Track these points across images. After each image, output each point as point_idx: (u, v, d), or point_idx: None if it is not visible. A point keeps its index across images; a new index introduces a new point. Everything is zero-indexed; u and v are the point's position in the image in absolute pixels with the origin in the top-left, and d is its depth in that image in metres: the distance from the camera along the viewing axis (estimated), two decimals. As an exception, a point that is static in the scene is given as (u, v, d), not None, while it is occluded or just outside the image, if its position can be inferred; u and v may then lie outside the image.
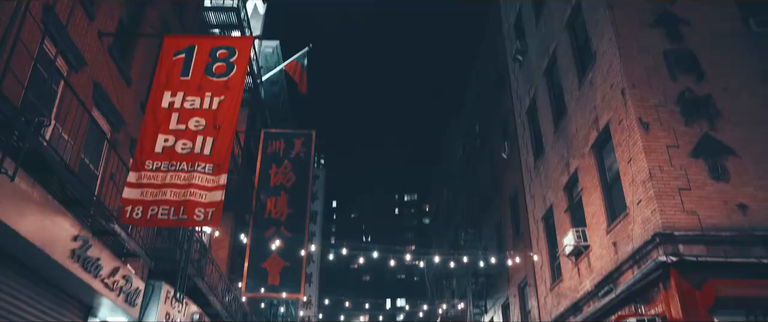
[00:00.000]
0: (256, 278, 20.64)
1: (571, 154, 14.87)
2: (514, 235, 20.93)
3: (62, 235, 7.79)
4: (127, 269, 9.98)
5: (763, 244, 10.02)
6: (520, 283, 19.82)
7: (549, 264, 16.67)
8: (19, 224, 6.73)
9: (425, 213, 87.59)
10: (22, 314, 7.81)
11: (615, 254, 12.07)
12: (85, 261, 8.36)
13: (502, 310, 22.40)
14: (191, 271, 13.35)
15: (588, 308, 13.20)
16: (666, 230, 10.13)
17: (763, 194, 10.61)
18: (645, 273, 10.37)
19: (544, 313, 16.81)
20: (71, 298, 9.04)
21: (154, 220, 8.86)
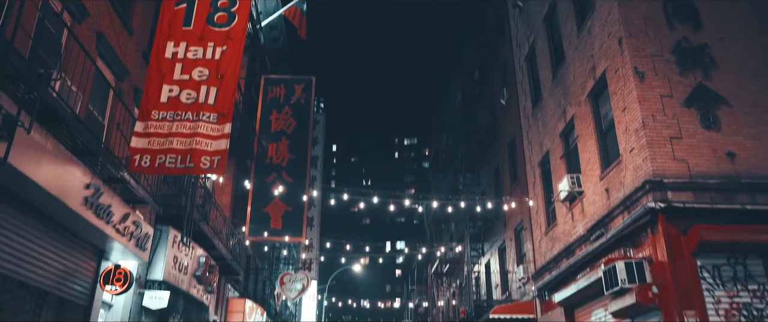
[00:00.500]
0: (259, 222, 21.20)
1: (568, 101, 15.09)
2: (511, 180, 21.36)
3: (75, 183, 8.12)
4: (137, 215, 10.37)
5: (749, 191, 10.40)
6: (517, 227, 20.36)
7: (544, 209, 17.13)
8: (36, 174, 7.05)
9: (425, 157, 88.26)
10: (41, 259, 8.25)
11: (607, 199, 12.47)
12: (98, 208, 8.73)
13: (499, 253, 23.07)
14: (196, 216, 13.79)
15: (580, 251, 13.71)
16: (656, 178, 10.50)
17: (752, 142, 10.92)
18: (634, 218, 10.79)
19: (539, 256, 17.40)
20: (85, 243, 9.47)
21: (162, 168, 9.21)
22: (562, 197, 14.66)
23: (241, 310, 19.64)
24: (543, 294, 16.64)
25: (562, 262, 15.02)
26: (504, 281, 22.16)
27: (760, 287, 9.85)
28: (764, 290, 9.83)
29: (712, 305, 9.68)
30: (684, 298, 9.68)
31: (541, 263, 17.04)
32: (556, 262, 15.51)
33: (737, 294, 9.80)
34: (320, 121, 39.93)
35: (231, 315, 19.46)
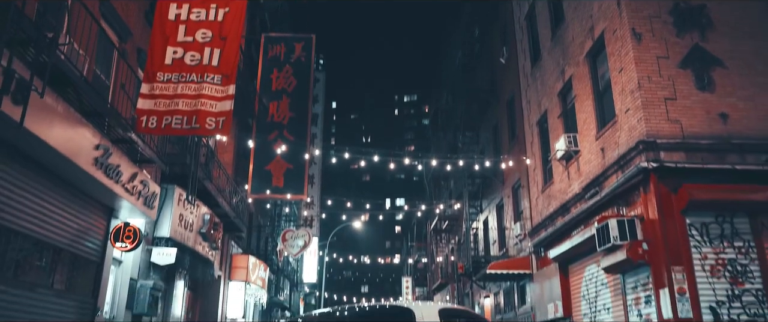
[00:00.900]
0: (261, 180, 21.55)
1: (566, 61, 15.24)
2: (509, 138, 21.64)
3: (85, 144, 8.39)
4: (144, 175, 10.67)
5: (739, 151, 10.69)
6: (514, 185, 20.74)
7: (541, 167, 17.45)
8: (48, 136, 7.32)
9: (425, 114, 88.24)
10: (55, 217, 8.58)
11: (602, 159, 12.77)
12: (107, 168, 9.03)
13: (497, 210, 23.52)
14: (200, 174, 14.10)
15: (575, 209, 14.08)
16: (649, 138, 10.77)
17: (744, 104, 11.15)
18: (627, 177, 11.11)
19: (535, 213, 17.80)
20: (96, 202, 9.79)
21: (168, 129, 9.46)
22: (558, 156, 14.96)
23: (244, 266, 20.16)
24: (539, 250, 17.10)
25: (557, 219, 15.42)
26: (501, 238, 22.67)
27: (746, 244, 10.25)
28: (749, 247, 10.23)
29: (699, 261, 10.09)
30: (672, 254, 10.08)
31: (537, 221, 17.46)
32: (552, 219, 15.91)
33: (723, 251, 10.20)
34: (320, 79, 39.98)
35: (235, 271, 19.99)
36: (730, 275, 10.04)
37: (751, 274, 10.05)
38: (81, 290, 9.50)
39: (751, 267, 10.10)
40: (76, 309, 9.29)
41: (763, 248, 10.21)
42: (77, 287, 9.39)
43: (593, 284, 13.30)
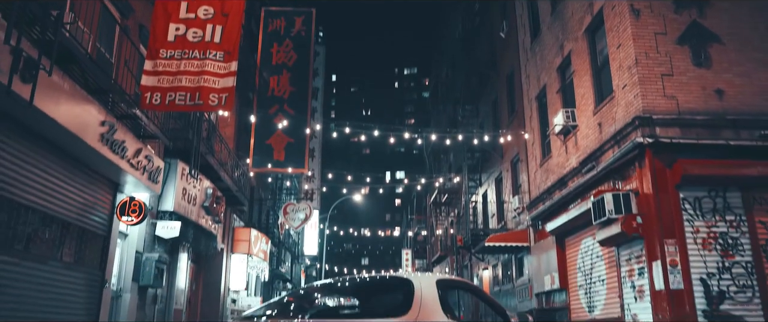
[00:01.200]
0: (262, 154, 21.79)
1: (565, 36, 15.31)
2: (509, 113, 21.77)
3: (91, 121, 8.56)
4: (148, 150, 10.86)
5: (733, 127, 10.86)
6: (513, 159, 20.94)
7: (540, 142, 17.63)
8: (56, 113, 7.49)
9: (425, 87, 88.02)
10: (63, 192, 8.80)
11: (599, 134, 12.94)
12: (113, 144, 9.21)
13: (496, 183, 23.76)
14: (203, 149, 14.29)
15: (572, 183, 14.30)
16: (645, 114, 10.93)
17: (740, 80, 11.29)
18: (623, 152, 11.30)
19: (534, 187, 18.03)
20: (102, 177, 10.00)
21: (172, 105, 9.62)
22: (557, 131, 15.13)
23: (246, 239, 20.46)
24: (536, 223, 17.37)
25: (555, 193, 15.65)
26: (500, 211, 22.96)
27: (737, 218, 10.48)
28: (740, 221, 10.47)
29: (691, 235, 10.33)
30: (665, 228, 10.32)
31: (535, 194, 17.70)
32: (550, 193, 16.14)
33: (715, 224, 10.44)
34: (320, 52, 39.90)
35: (237, 244, 20.29)
36: (721, 247, 10.30)
37: (741, 247, 10.31)
38: (89, 263, 9.76)
39: (741, 240, 10.35)
40: (85, 281, 9.56)
41: (754, 222, 10.45)
42: (85, 260, 9.65)
43: (589, 257, 13.59)
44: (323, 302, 4.87)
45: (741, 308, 9.97)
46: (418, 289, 4.05)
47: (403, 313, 3.76)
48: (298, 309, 4.54)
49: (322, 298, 4.99)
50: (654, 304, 10.32)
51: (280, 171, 23.51)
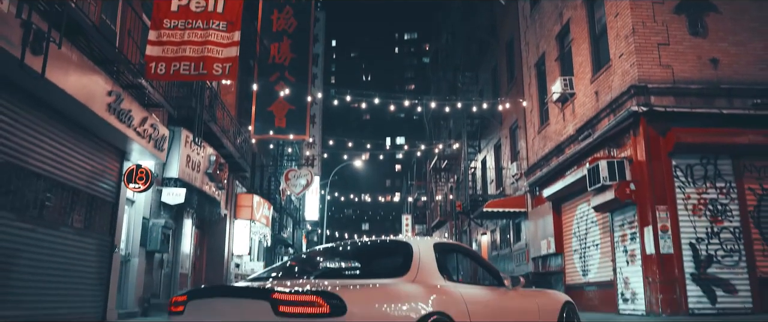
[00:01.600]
0: (264, 121, 21.99)
1: (565, 4, 15.38)
2: (508, 80, 21.91)
3: (99, 91, 8.77)
4: (154, 118, 11.08)
5: (727, 95, 11.07)
6: (512, 125, 21.16)
7: (538, 109, 17.84)
8: (65, 84, 7.70)
9: (425, 52, 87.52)
10: (72, 160, 9.07)
11: (596, 102, 13.15)
12: (120, 113, 9.44)
13: (495, 150, 24.03)
14: (205, 116, 14.50)
15: (569, 150, 14.56)
16: (641, 83, 11.13)
17: (735, 49, 11.45)
18: (619, 121, 11.54)
19: (531, 154, 18.30)
20: (109, 145, 10.25)
21: (177, 75, 9.84)
22: (554, 98, 15.33)
23: (249, 205, 20.80)
24: (534, 189, 17.69)
25: (552, 160, 15.92)
26: (498, 177, 23.27)
27: (727, 185, 10.78)
28: (730, 187, 10.76)
29: (682, 201, 10.65)
30: (658, 194, 10.62)
31: (533, 161, 17.98)
32: (547, 160, 16.42)
33: (706, 191, 10.74)
34: (320, 18, 39.72)
35: (240, 210, 20.65)
36: (710, 213, 10.62)
37: (730, 213, 10.63)
38: (99, 229, 10.08)
39: (730, 206, 10.66)
40: (96, 247, 9.90)
41: (743, 189, 10.75)
42: (95, 226, 9.96)
43: (584, 222, 13.93)
44: (327, 264, 5.19)
45: (728, 271, 10.34)
46: (416, 252, 4.32)
47: (402, 274, 4.04)
48: (303, 272, 4.82)
49: (326, 261, 5.30)
50: (644, 267, 10.69)
51: (281, 138, 23.76)
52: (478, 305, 4.32)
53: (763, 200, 10.76)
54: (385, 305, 3.50)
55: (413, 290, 3.86)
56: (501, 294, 4.90)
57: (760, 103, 10.92)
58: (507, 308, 4.80)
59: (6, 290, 7.43)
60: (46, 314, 8.34)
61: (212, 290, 3.97)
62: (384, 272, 4.29)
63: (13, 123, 7.51)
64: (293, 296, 3.23)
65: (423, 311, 3.60)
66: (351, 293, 3.36)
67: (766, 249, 10.50)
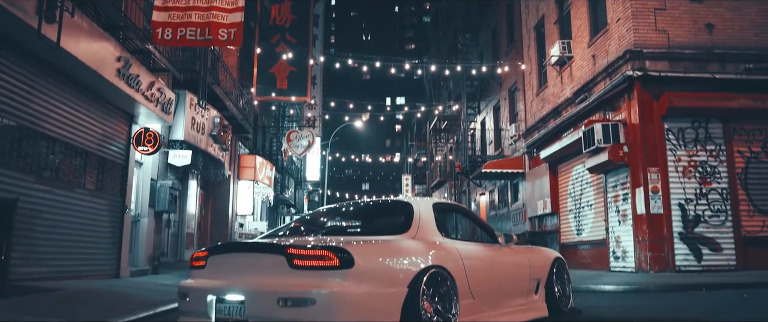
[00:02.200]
0: (266, 83, 22.21)
1: (564, -33, 15.47)
2: (508, 42, 22.04)
3: (108, 57, 9.04)
4: (160, 83, 11.36)
5: (720, 60, 11.33)
6: (511, 87, 21.39)
7: (537, 72, 18.06)
8: (77, 51, 7.97)
9: (426, 11, 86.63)
10: (84, 124, 9.40)
11: (593, 65, 13.39)
12: (129, 78, 9.72)
13: (494, 111, 24.30)
14: (209, 79, 14.76)
15: (566, 112, 14.86)
16: (636, 48, 11.37)
17: (731, 14, 11.65)
18: (614, 84, 11.82)
19: (530, 116, 18.60)
20: (118, 110, 10.57)
21: (183, 40, 10.08)
22: (553, 61, 15.55)
23: (252, 166, 21.18)
24: (531, 151, 18.05)
25: (549, 122, 16.24)
26: (497, 138, 23.61)
27: (717, 147, 11.14)
28: (720, 150, 11.12)
29: (673, 163, 11.02)
30: (649, 156, 10.99)
31: (531, 123, 18.29)
32: (545, 121, 16.73)
33: (696, 153, 11.10)
34: (320, -22, 39.31)
35: (243, 170, 21.04)
36: (699, 175, 11.00)
37: (718, 175, 11.01)
38: (110, 190, 10.47)
39: (719, 169, 11.04)
40: (108, 207, 10.31)
41: (733, 151, 11.11)
42: (107, 188, 10.35)
43: (579, 183, 14.34)
44: (334, 223, 5.57)
45: (714, 230, 10.79)
46: (417, 211, 4.68)
47: (404, 231, 4.42)
48: (310, 231, 5.20)
49: (333, 220, 5.69)
50: (635, 227, 11.13)
51: (283, 99, 23.98)
52: (473, 260, 4.70)
53: (750, 162, 11.14)
54: (389, 259, 3.87)
55: (414, 245, 4.23)
56: (495, 250, 5.29)
57: (752, 68, 11.18)
58: (500, 263, 5.19)
59: (30, 248, 7.86)
60: (67, 271, 8.80)
61: (231, 246, 4.36)
62: (387, 229, 4.65)
63: (30, 90, 7.82)
64: (306, 251, 3.60)
65: (422, 264, 3.98)
66: (358, 248, 3.73)
67: (752, 209, 10.95)
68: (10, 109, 7.43)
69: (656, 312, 6.08)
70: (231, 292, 3.73)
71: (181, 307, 4.19)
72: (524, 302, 5.39)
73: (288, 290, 3.49)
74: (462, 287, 4.32)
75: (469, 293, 4.44)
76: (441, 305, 4.01)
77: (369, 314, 3.52)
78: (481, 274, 4.72)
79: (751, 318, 5.45)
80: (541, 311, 5.57)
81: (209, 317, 3.84)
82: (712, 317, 5.61)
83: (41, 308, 5.62)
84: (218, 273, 4.02)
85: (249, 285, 3.69)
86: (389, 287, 3.68)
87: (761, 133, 11.21)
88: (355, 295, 3.48)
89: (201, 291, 3.94)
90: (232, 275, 3.89)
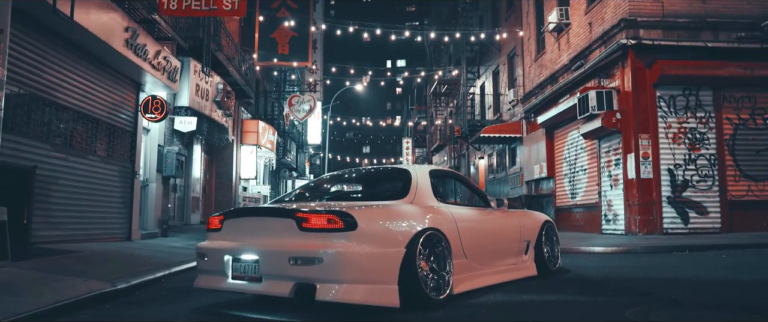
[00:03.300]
0: (267, 48, 22.41)
1: (564, -67, 15.55)
2: (507, 7, 22.14)
3: (117, 27, 9.33)
4: (166, 51, 11.63)
5: (712, 29, 11.59)
6: (510, 53, 21.60)
7: (535, 38, 18.26)
8: (88, 23, 8.26)
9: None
10: (94, 93, 9.74)
11: (589, 33, 13.64)
12: (136, 48, 10.02)
13: (493, 76, 24.54)
14: (212, 46, 15.03)
15: (562, 79, 15.15)
16: (631, 16, 11.62)
17: (725, -18, 11.86)
18: (609, 52, 12.10)
19: (528, 81, 18.87)
20: (126, 78, 10.88)
21: (189, 10, 10.40)
22: (550, 28, 15.77)
23: (254, 130, 21.53)
24: (529, 116, 18.38)
25: (546, 88, 16.54)
26: (496, 103, 23.90)
27: (706, 115, 11.49)
28: (709, 117, 11.48)
29: (663, 130, 11.38)
30: (641, 123, 11.35)
31: (529, 88, 18.57)
32: (542, 87, 17.02)
33: (686, 120, 11.46)
34: (319, -60, 38.97)
35: (246, 135, 21.40)
36: (689, 141, 11.38)
37: (707, 141, 11.39)
38: (120, 157, 10.86)
39: (708, 135, 11.42)
40: (119, 173, 10.72)
41: (721, 118, 11.47)
42: (117, 154, 10.74)
43: (574, 148, 14.73)
44: (338, 189, 5.98)
45: (701, 194, 11.22)
46: (414, 177, 5.07)
47: (402, 196, 4.81)
48: (314, 197, 5.60)
49: (336, 186, 6.09)
50: (626, 191, 11.57)
51: (284, 64, 24.20)
52: (466, 222, 5.11)
53: (738, 129, 11.51)
54: (388, 222, 4.28)
55: (412, 210, 4.63)
56: (487, 214, 5.70)
57: (743, 37, 11.44)
58: (491, 226, 5.60)
59: (48, 213, 8.29)
60: (82, 234, 9.26)
61: (245, 211, 4.77)
62: (387, 195, 5.05)
63: (43, 61, 8.14)
64: (314, 215, 4.00)
65: (419, 227, 4.38)
66: (361, 212, 4.13)
67: (738, 174, 11.37)
68: (27, 81, 7.77)
69: (637, 272, 6.53)
70: (246, 252, 4.15)
71: (200, 266, 4.61)
72: (514, 261, 5.82)
73: (298, 250, 3.90)
74: (455, 247, 4.73)
75: (462, 252, 4.85)
76: (436, 264, 4.42)
77: (371, 272, 3.93)
78: (474, 235, 5.12)
79: (722, 277, 5.89)
80: (530, 270, 6.00)
81: (226, 275, 4.27)
82: (683, 275, 6.06)
83: (69, 268, 6.07)
84: (233, 235, 4.43)
85: (262, 246, 4.10)
86: (389, 248, 4.07)
87: (750, 100, 11.55)
88: (358, 254, 3.89)
89: (218, 252, 4.36)
90: (247, 237, 4.30)
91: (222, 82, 16.59)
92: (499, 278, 5.39)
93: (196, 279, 4.64)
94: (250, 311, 4.44)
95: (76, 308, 4.52)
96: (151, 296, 5.32)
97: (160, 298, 5.16)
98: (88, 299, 4.76)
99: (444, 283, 4.42)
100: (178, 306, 4.70)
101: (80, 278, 5.44)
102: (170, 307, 4.69)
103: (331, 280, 3.81)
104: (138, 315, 4.42)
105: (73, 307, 4.51)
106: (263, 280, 4.04)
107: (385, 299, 3.91)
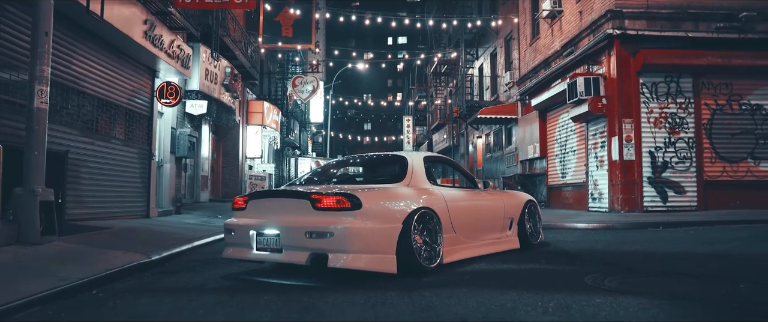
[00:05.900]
0: (272, 31, 23.05)
1: None
2: (505, -9, 22.73)
3: (136, 21, 10.06)
4: (179, 40, 12.37)
5: (694, 19, 12.28)
6: (507, 36, 22.23)
7: (530, 23, 18.91)
8: (112, 19, 9.00)
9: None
10: (114, 81, 10.51)
11: (580, 21, 14.32)
12: (153, 39, 10.76)
13: (491, 58, 25.19)
14: (220, 32, 15.73)
15: (555, 64, 15.85)
16: (617, 7, 12.31)
17: (707, -26, 12.51)
18: (596, 41, 12.80)
19: (523, 65, 19.56)
20: (143, 66, 11.64)
21: (202, 3, 11.12)
22: (544, 15, 16.43)
23: (260, 111, 22.28)
24: (524, 98, 19.11)
25: (540, 72, 17.24)
26: (494, 85, 24.60)
27: (686, 100, 12.24)
28: (689, 103, 12.24)
29: (646, 115, 12.15)
30: (625, 108, 12.11)
31: (524, 71, 19.27)
32: (536, 71, 17.73)
33: (667, 106, 12.22)
34: None
35: (251, 116, 22.15)
36: (669, 126, 12.15)
37: (686, 125, 12.16)
38: (138, 140, 11.66)
39: (687, 120, 12.18)
40: (138, 155, 11.53)
41: (700, 104, 12.22)
42: (135, 137, 11.54)
43: (564, 131, 15.50)
44: (344, 174, 6.79)
45: (679, 175, 12.03)
46: (410, 163, 5.86)
47: (400, 180, 5.60)
48: (324, 180, 6.39)
49: (341, 171, 6.90)
50: (610, 171, 12.37)
51: (288, 47, 24.84)
52: (455, 201, 5.90)
53: (716, 114, 12.27)
54: (388, 202, 5.07)
55: (408, 191, 5.42)
56: (474, 194, 6.50)
57: (722, 27, 12.14)
58: (478, 204, 6.40)
59: (78, 193, 9.12)
60: (107, 212, 10.10)
61: (267, 193, 5.57)
62: (386, 178, 5.83)
63: (72, 54, 8.90)
64: (326, 197, 4.80)
65: (414, 206, 5.17)
66: (364, 194, 4.92)
67: (714, 156, 12.16)
68: (59, 73, 8.53)
69: (609, 246, 7.34)
70: (268, 227, 4.96)
71: (228, 239, 5.43)
72: (499, 236, 6.63)
73: (313, 225, 4.71)
74: (445, 223, 5.53)
75: (451, 228, 5.65)
76: (428, 238, 5.23)
77: (373, 244, 4.74)
78: (462, 213, 5.91)
79: (680, 250, 6.71)
80: (513, 243, 6.82)
81: (251, 247, 5.09)
82: (647, 248, 6.88)
83: (107, 242, 6.90)
84: (257, 213, 5.24)
85: (283, 222, 4.92)
86: (388, 223, 4.86)
87: (727, 87, 12.29)
88: (363, 229, 4.69)
89: (244, 227, 5.18)
90: (269, 214, 5.11)
91: (229, 65, 17.31)
92: (485, 250, 6.20)
93: (224, 250, 5.45)
94: (270, 277, 5.26)
95: (121, 276, 5.34)
96: (181, 266, 6.12)
97: (190, 268, 5.96)
98: (131, 268, 5.58)
99: (435, 254, 5.23)
100: (207, 274, 5.50)
101: (120, 251, 6.27)
102: (200, 275, 5.49)
103: (340, 250, 4.62)
104: (175, 281, 5.21)
105: (120, 275, 5.33)
106: (283, 251, 4.85)
107: (385, 266, 4.72)
